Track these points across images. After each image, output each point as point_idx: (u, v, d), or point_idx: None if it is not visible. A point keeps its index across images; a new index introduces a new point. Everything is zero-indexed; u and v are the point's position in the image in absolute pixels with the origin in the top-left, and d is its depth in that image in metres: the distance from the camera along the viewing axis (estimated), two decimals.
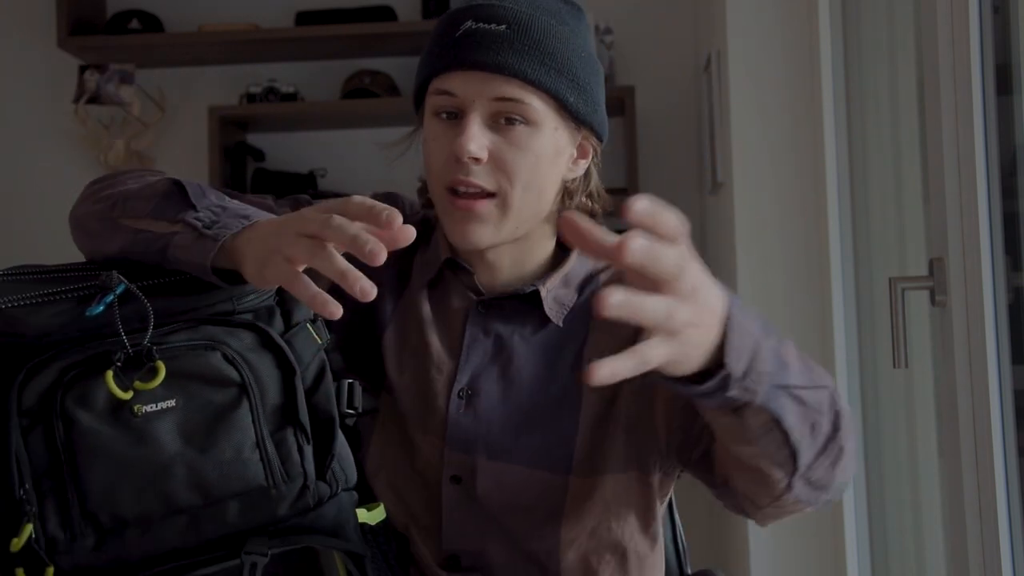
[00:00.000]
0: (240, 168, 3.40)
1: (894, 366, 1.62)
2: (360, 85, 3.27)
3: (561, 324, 1.21)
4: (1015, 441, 1.46)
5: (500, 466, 1.17)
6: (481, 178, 1.14)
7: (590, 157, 1.23)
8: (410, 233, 0.87)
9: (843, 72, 2.28)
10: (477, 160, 1.13)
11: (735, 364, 0.83)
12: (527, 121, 1.14)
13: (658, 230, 0.74)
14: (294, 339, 1.02)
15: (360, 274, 0.87)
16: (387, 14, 3.32)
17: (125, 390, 0.92)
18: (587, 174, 1.25)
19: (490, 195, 1.14)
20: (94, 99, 3.29)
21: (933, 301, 1.58)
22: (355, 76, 3.32)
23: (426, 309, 1.23)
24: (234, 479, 0.95)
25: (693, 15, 3.32)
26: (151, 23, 3.36)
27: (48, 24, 3.36)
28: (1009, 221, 1.49)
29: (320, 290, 0.89)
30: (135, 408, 0.93)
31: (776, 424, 0.91)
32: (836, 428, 0.97)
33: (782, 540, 2.37)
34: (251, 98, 3.31)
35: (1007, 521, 1.43)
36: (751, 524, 2.38)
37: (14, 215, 3.43)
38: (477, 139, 1.12)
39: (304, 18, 3.33)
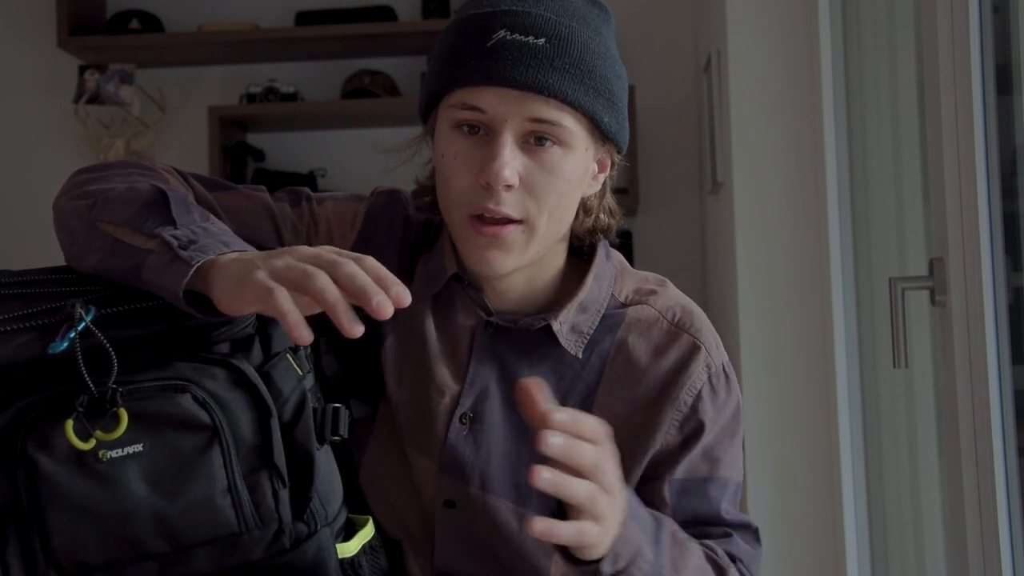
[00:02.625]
0: (240, 168, 3.40)
1: (894, 366, 1.62)
2: (360, 85, 3.28)
3: (581, 356, 1.13)
4: (1015, 441, 1.46)
5: (493, 499, 1.11)
6: (510, 206, 1.05)
7: (608, 171, 1.15)
8: (407, 301, 0.85)
9: (843, 72, 2.28)
10: (509, 187, 1.04)
11: (607, 567, 0.95)
12: (560, 142, 1.05)
13: (580, 435, 0.88)
14: (273, 371, 0.97)
15: (347, 306, 0.84)
16: (387, 14, 3.32)
17: (86, 439, 0.88)
18: (603, 187, 1.16)
19: (517, 221, 1.06)
20: (94, 99, 3.29)
21: (933, 301, 1.58)
22: (355, 76, 3.32)
23: (430, 324, 1.15)
24: (204, 526, 0.91)
25: (693, 15, 3.32)
26: (151, 23, 3.37)
27: (48, 24, 3.36)
28: (1009, 221, 1.49)
29: (295, 310, 0.84)
30: (100, 453, 0.88)
31: None
32: None
33: (782, 540, 2.37)
34: (251, 98, 3.31)
35: (1007, 521, 1.43)
36: None
37: (14, 215, 3.43)
38: (511, 165, 1.03)
39: (304, 18, 3.33)
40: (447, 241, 1.15)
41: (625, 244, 3.21)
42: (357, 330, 0.84)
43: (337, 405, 1.01)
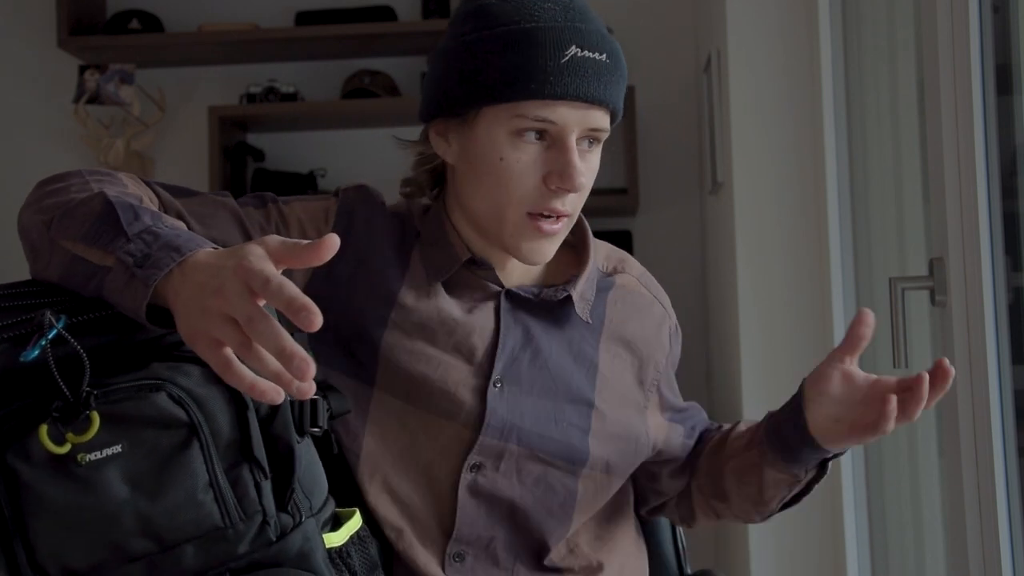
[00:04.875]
0: (240, 168, 3.40)
1: (894, 366, 1.62)
2: (360, 85, 3.27)
3: (590, 319, 1.27)
4: (1015, 441, 1.46)
5: (526, 453, 1.20)
6: (570, 205, 1.17)
7: None
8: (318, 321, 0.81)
9: (843, 72, 2.28)
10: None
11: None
12: (599, 142, 1.19)
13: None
14: None
15: (267, 385, 0.83)
16: (387, 14, 3.32)
17: (60, 443, 0.88)
18: None
19: (567, 215, 1.18)
20: (94, 99, 3.29)
21: (933, 301, 1.59)
22: (355, 76, 3.32)
23: (447, 302, 1.22)
24: (187, 523, 0.91)
25: (693, 15, 3.32)
26: (151, 23, 3.36)
27: (48, 24, 3.36)
28: (1009, 221, 1.49)
29: (257, 379, 0.84)
30: (79, 457, 0.88)
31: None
32: None
33: (782, 540, 2.37)
34: (251, 98, 3.31)
35: (1007, 521, 1.43)
36: (751, 524, 2.38)
37: (14, 215, 3.43)
38: (585, 173, 1.15)
39: (304, 18, 3.33)
40: (451, 229, 1.23)
41: (625, 244, 3.21)
42: (279, 399, 0.84)
43: (315, 397, 1.01)
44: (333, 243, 0.83)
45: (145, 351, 0.96)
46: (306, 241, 0.85)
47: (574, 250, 1.30)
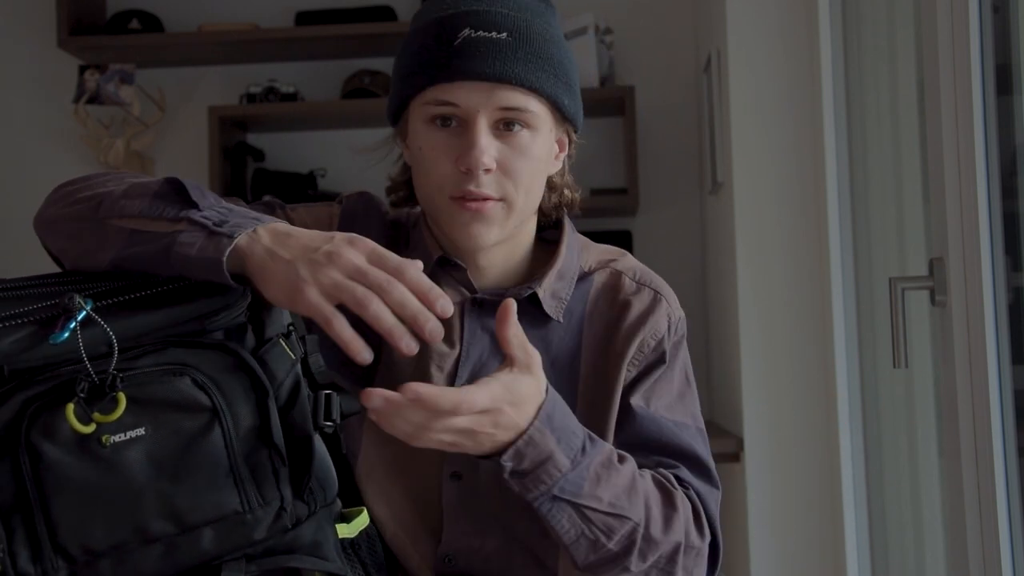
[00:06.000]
0: (240, 168, 3.40)
1: (894, 366, 1.63)
2: (360, 85, 3.28)
3: (562, 320, 1.23)
4: (1015, 441, 1.46)
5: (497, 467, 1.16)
6: (489, 187, 1.15)
7: (566, 150, 1.26)
8: (450, 312, 0.95)
9: (843, 72, 2.28)
10: (488, 171, 1.14)
11: (507, 462, 1.04)
12: (528, 126, 1.16)
13: (436, 408, 0.98)
14: (267, 356, 0.99)
15: (404, 330, 0.93)
16: (387, 14, 3.32)
17: (86, 423, 0.90)
18: (563, 165, 1.27)
19: (496, 199, 1.16)
20: (94, 99, 3.29)
21: (933, 301, 1.59)
22: (355, 76, 3.32)
23: None
24: (208, 506, 0.93)
25: (693, 15, 3.32)
26: (151, 23, 3.37)
27: (48, 24, 3.36)
28: (1009, 221, 1.49)
29: (355, 335, 0.92)
30: (103, 438, 0.90)
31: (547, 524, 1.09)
32: (628, 552, 1.11)
33: (782, 540, 2.37)
34: (251, 98, 3.31)
35: (1007, 521, 1.43)
36: (751, 524, 2.38)
37: (14, 215, 3.43)
38: (489, 151, 1.13)
39: (304, 18, 3.33)
40: (426, 231, 1.25)
41: (625, 244, 3.21)
42: (414, 348, 0.94)
43: (328, 392, 1.03)
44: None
45: (166, 335, 0.97)
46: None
47: (554, 250, 1.28)
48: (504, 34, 1.14)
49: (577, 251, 1.28)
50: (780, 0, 2.42)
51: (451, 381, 1.20)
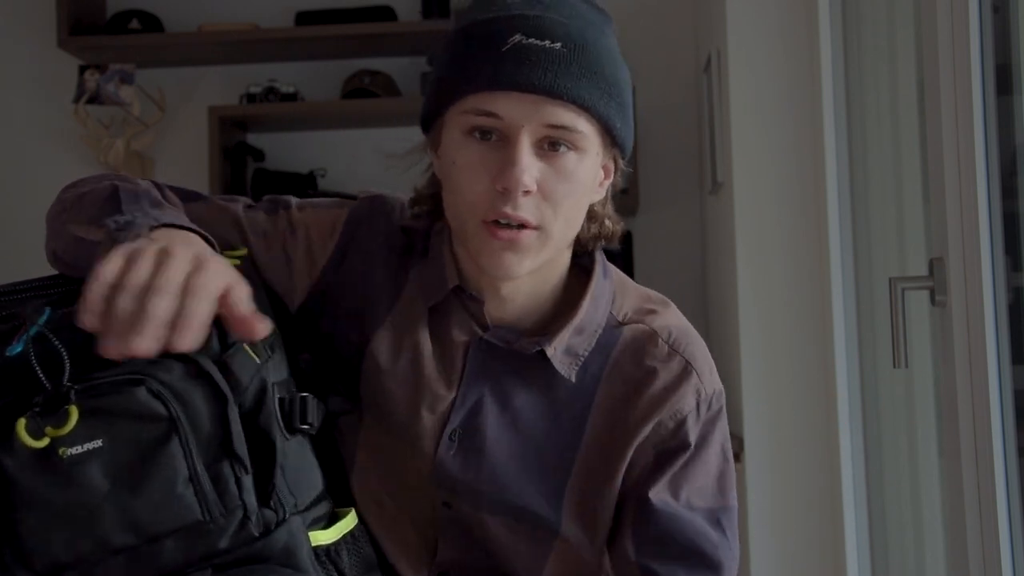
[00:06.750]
0: (240, 168, 3.40)
1: (894, 366, 1.62)
2: (360, 85, 3.27)
3: (574, 379, 1.12)
4: (1015, 441, 1.46)
5: (482, 517, 1.12)
6: (527, 211, 1.03)
7: (611, 177, 1.14)
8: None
9: (843, 72, 2.28)
10: (527, 192, 1.03)
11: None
12: (575, 148, 1.04)
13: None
14: (231, 361, 0.97)
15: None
16: (387, 14, 3.32)
17: (39, 437, 0.89)
18: (606, 194, 1.15)
19: (533, 227, 1.05)
20: (94, 99, 3.29)
21: (933, 301, 1.59)
22: (355, 76, 3.32)
23: (425, 335, 1.14)
24: (167, 516, 0.92)
25: (693, 15, 3.32)
26: (151, 23, 3.37)
27: (48, 24, 3.36)
28: (1009, 221, 1.49)
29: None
30: (60, 451, 0.89)
31: None
32: None
33: (782, 540, 2.37)
34: (251, 98, 3.31)
35: (1007, 521, 1.43)
36: (751, 524, 2.38)
37: (14, 215, 3.43)
38: (531, 171, 1.02)
39: (304, 18, 3.33)
40: (448, 252, 1.14)
41: (625, 244, 3.21)
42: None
43: (305, 395, 1.01)
44: (262, 330, 0.90)
45: None
46: (259, 316, 0.91)
47: (588, 282, 1.16)
48: (558, 44, 1.02)
49: (607, 298, 1.16)
50: (780, 0, 2.42)
51: (442, 426, 1.12)
